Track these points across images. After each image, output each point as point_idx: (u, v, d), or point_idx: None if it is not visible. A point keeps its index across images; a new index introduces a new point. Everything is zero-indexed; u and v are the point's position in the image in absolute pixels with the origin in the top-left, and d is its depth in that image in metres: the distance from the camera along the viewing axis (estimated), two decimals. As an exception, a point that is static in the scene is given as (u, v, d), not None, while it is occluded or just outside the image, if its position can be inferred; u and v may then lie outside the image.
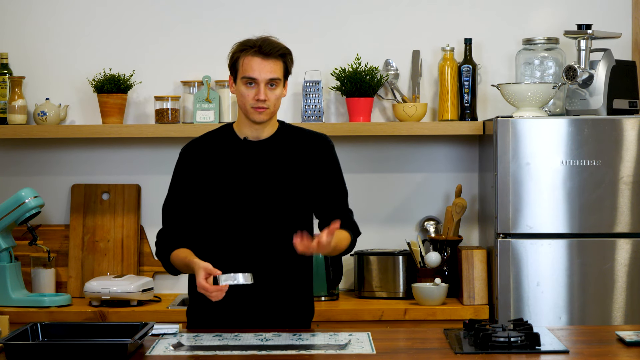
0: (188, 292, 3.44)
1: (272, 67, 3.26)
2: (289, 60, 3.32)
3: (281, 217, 3.31)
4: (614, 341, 3.05)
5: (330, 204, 3.39)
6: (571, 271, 4.11)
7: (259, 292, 3.30)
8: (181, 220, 3.37)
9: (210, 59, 4.65)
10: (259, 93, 3.26)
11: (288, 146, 3.36)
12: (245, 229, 3.31)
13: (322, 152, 3.40)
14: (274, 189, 3.31)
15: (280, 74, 3.29)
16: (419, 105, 4.51)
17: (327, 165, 3.40)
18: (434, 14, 4.66)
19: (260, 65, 3.26)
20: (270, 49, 3.26)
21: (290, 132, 3.41)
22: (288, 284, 3.34)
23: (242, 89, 3.30)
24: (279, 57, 3.28)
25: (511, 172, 4.11)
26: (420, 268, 4.40)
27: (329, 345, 2.97)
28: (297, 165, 3.35)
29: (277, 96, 3.30)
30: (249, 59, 3.28)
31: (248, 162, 3.34)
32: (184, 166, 3.40)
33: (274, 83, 3.27)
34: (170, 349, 2.94)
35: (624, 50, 4.60)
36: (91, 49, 4.67)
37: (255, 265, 3.28)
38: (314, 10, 4.65)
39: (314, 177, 3.36)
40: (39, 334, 3.01)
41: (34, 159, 4.71)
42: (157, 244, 3.42)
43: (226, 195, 3.31)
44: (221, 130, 3.44)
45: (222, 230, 3.33)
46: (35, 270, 4.47)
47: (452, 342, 3.01)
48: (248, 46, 3.29)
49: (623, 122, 4.11)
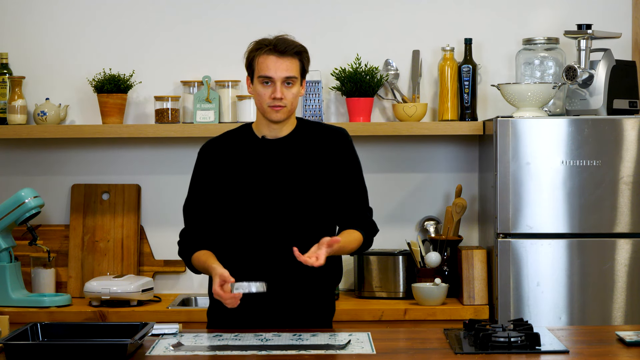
0: (208, 293, 3.44)
1: (288, 65, 3.25)
2: (305, 58, 3.30)
3: (301, 215, 3.30)
4: (614, 341, 3.05)
5: (348, 203, 3.37)
6: (571, 271, 4.11)
7: (280, 291, 3.29)
8: (202, 220, 3.36)
9: (210, 59, 4.65)
10: (275, 91, 3.24)
11: (306, 143, 3.34)
12: (265, 228, 3.30)
13: (340, 148, 3.37)
14: (293, 187, 3.29)
15: (296, 72, 3.27)
16: (419, 105, 4.51)
17: (346, 162, 3.38)
18: (434, 14, 4.66)
19: (275, 63, 3.24)
20: (286, 47, 3.25)
21: (308, 128, 3.39)
22: (308, 283, 3.33)
23: (258, 88, 3.28)
24: (295, 55, 3.26)
25: (511, 172, 4.11)
26: (420, 268, 4.40)
27: (329, 345, 2.97)
28: (316, 163, 3.33)
29: (294, 94, 3.28)
30: (264, 57, 3.26)
31: (266, 161, 3.32)
32: (203, 165, 3.38)
33: (290, 81, 3.26)
34: (170, 349, 2.94)
35: (624, 50, 4.60)
36: (91, 49, 4.68)
37: (275, 265, 3.29)
38: (314, 10, 4.66)
39: (333, 174, 3.34)
40: (39, 334, 3.00)
41: (34, 159, 4.71)
42: (179, 243, 3.42)
43: (245, 195, 3.30)
44: (240, 130, 3.41)
45: (242, 229, 3.32)
46: (35, 270, 4.47)
47: (452, 342, 3.01)
48: (263, 45, 3.27)
49: (623, 122, 4.11)
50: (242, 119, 4.53)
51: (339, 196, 3.35)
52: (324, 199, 3.33)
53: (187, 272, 4.67)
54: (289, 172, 3.31)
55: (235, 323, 3.29)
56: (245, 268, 3.28)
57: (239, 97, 4.56)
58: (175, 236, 4.66)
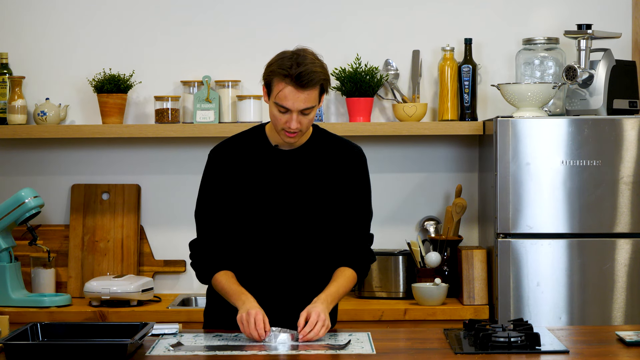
0: (206, 293, 3.42)
1: (307, 98, 3.11)
2: (326, 84, 3.17)
3: (309, 225, 3.26)
4: (614, 341, 3.05)
5: (350, 225, 3.29)
6: (571, 271, 4.11)
7: (285, 297, 3.27)
8: (215, 228, 3.27)
9: (210, 59, 4.65)
10: (290, 121, 3.13)
11: (319, 156, 3.27)
12: (272, 236, 3.26)
13: (353, 167, 3.30)
14: (303, 197, 3.24)
15: (315, 101, 3.13)
16: (419, 105, 4.51)
17: (356, 182, 3.30)
18: (434, 14, 4.66)
19: (294, 95, 3.09)
20: (307, 81, 3.08)
21: (323, 139, 3.31)
22: (314, 290, 3.28)
23: (274, 110, 3.15)
24: (316, 86, 3.12)
25: (511, 172, 4.11)
26: (420, 268, 4.40)
27: (329, 345, 2.97)
28: (327, 176, 3.26)
29: (311, 119, 3.17)
30: (283, 85, 3.09)
31: (278, 171, 3.25)
32: (214, 170, 3.30)
33: (307, 112, 3.14)
34: (170, 349, 2.94)
35: (624, 50, 4.60)
36: (91, 49, 4.67)
37: (282, 272, 3.27)
38: (314, 10, 4.65)
39: (341, 191, 3.28)
40: (39, 334, 3.00)
41: (34, 159, 4.71)
42: (192, 256, 3.32)
43: (255, 203, 3.24)
44: (252, 133, 3.32)
45: (250, 236, 3.27)
46: (35, 270, 4.47)
47: (452, 342, 3.01)
48: (285, 71, 3.08)
49: (623, 122, 4.11)
50: (242, 119, 4.53)
51: (343, 215, 3.28)
52: (331, 210, 3.28)
53: (187, 272, 4.67)
54: (300, 183, 3.25)
55: (234, 324, 3.28)
56: (253, 274, 3.26)
57: (239, 97, 4.56)
58: (175, 236, 4.69)
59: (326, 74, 3.16)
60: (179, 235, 4.65)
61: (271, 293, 3.26)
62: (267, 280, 3.27)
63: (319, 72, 3.12)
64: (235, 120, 4.57)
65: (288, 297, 3.27)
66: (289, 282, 3.28)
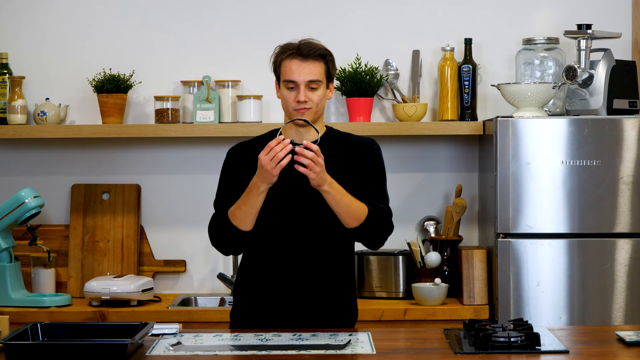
0: (233, 294, 3.43)
1: (311, 69, 3.25)
2: (329, 61, 3.30)
3: (324, 221, 3.29)
4: (614, 341, 3.05)
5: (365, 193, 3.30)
6: (571, 271, 4.11)
7: (304, 293, 3.31)
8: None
9: (210, 59, 4.65)
10: (299, 95, 3.24)
11: (333, 152, 3.33)
12: (289, 233, 3.31)
13: (366, 154, 3.36)
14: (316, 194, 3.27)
15: (320, 75, 3.27)
16: (419, 105, 4.51)
17: (369, 164, 3.35)
18: (434, 14, 4.66)
19: (299, 67, 3.25)
20: (309, 51, 3.25)
21: (337, 137, 3.39)
22: (332, 286, 3.33)
23: (284, 92, 3.28)
24: (319, 58, 3.26)
25: (511, 172, 4.11)
26: (420, 268, 4.40)
27: (329, 345, 2.97)
28: (341, 171, 3.30)
29: (320, 97, 3.27)
30: (288, 61, 3.26)
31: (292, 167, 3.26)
32: (231, 166, 3.38)
33: (314, 85, 3.25)
34: (170, 349, 2.94)
35: (624, 50, 4.60)
36: (91, 49, 4.68)
37: (300, 268, 3.31)
38: (313, 10, 4.66)
39: (356, 179, 3.32)
40: (39, 334, 3.00)
41: (34, 159, 4.71)
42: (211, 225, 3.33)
43: (270, 199, 3.27)
44: (268, 136, 3.40)
45: (267, 234, 3.31)
46: (35, 270, 4.47)
47: (452, 342, 3.01)
48: (287, 49, 3.28)
49: (623, 122, 4.11)
50: (242, 119, 4.53)
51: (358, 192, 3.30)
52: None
53: (187, 272, 4.67)
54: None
55: (259, 323, 3.30)
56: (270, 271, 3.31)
57: (239, 97, 4.56)
58: (175, 236, 4.70)
59: (330, 53, 3.31)
60: (179, 235, 4.66)
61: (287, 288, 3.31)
62: (283, 277, 3.31)
63: (322, 47, 3.29)
64: (235, 120, 4.57)
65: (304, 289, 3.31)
66: (304, 278, 3.31)
